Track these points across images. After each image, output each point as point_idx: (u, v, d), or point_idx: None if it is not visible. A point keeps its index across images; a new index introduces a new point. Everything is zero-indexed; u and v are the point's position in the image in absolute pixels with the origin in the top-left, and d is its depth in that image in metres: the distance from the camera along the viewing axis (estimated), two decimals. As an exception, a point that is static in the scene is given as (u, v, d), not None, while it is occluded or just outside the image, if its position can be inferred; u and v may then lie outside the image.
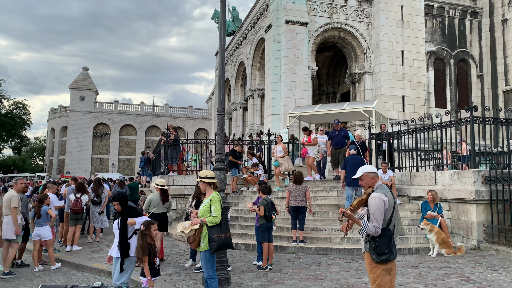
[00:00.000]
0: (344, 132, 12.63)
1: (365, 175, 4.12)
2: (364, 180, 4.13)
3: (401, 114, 20.41)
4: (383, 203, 3.85)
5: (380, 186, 4.07)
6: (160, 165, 16.14)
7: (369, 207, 3.89)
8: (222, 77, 7.06)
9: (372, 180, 4.10)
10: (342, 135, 12.63)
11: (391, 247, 3.91)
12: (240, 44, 28.67)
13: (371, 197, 3.91)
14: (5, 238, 7.91)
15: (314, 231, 9.84)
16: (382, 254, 3.86)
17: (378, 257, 3.85)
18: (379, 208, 3.83)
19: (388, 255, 3.88)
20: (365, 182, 4.12)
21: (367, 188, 4.10)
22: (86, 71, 57.51)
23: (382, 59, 20.66)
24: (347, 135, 12.65)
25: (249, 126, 27.29)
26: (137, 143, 57.12)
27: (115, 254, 5.27)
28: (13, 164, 71.73)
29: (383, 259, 3.86)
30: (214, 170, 7.13)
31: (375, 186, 4.08)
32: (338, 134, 12.65)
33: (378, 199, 3.86)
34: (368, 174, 4.12)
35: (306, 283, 6.56)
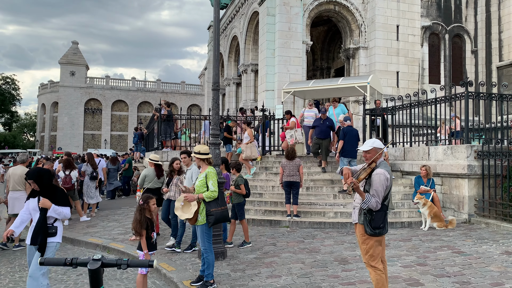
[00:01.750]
0: (330, 122, 11.49)
1: (373, 150, 4.07)
2: (371, 153, 4.08)
3: (395, 90, 20.38)
4: (386, 180, 3.90)
5: (382, 162, 4.07)
6: (153, 141, 16.06)
7: (373, 182, 3.91)
8: (216, 50, 6.93)
9: (379, 156, 4.08)
10: (328, 125, 11.44)
11: (385, 222, 3.99)
12: (233, 17, 28.13)
13: (376, 173, 3.93)
14: (13, 213, 8.03)
15: (308, 205, 9.93)
16: (377, 228, 3.93)
17: (372, 230, 3.91)
18: (382, 184, 3.87)
19: (381, 229, 3.97)
20: (371, 156, 4.07)
21: (371, 162, 4.07)
22: (76, 45, 56.31)
23: (377, 34, 20.43)
24: (333, 126, 11.54)
25: (242, 102, 27.11)
26: (129, 119, 56.67)
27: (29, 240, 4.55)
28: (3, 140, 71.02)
29: (376, 232, 3.93)
30: (209, 146, 7.10)
31: (378, 161, 4.07)
32: (322, 124, 11.52)
33: (383, 176, 3.89)
34: (377, 149, 4.07)
35: (300, 256, 6.66)
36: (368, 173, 4.06)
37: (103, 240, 8.29)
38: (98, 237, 8.60)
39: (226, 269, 6.05)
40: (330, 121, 11.50)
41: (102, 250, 7.94)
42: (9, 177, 8.22)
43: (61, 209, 4.64)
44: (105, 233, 8.96)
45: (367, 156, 4.12)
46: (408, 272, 5.63)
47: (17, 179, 8.11)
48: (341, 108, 12.74)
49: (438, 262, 6.12)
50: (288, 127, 12.61)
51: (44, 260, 1.97)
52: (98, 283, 1.95)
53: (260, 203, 10.43)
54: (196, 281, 5.45)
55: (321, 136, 11.33)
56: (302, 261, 6.37)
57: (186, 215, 5.53)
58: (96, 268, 1.92)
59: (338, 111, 12.60)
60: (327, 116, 11.60)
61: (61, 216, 4.68)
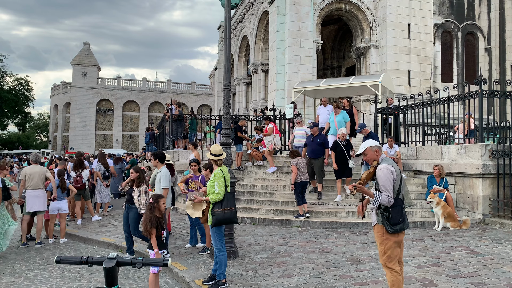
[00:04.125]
0: (321, 139, 10.15)
1: (368, 150, 4.13)
2: (368, 155, 4.14)
3: (406, 88, 20.20)
4: (391, 173, 3.87)
5: (384, 158, 4.09)
6: (164, 141, 16.15)
7: (378, 178, 3.89)
8: (227, 50, 6.93)
9: (376, 153, 4.12)
10: (318, 142, 10.10)
11: (404, 216, 3.94)
12: (243, 17, 28.15)
13: (379, 169, 3.93)
14: (32, 211, 8.24)
15: (320, 205, 9.89)
16: (396, 223, 3.88)
17: (393, 227, 3.86)
18: (388, 178, 3.84)
19: (401, 224, 3.91)
20: (369, 157, 4.13)
21: (372, 162, 4.12)
22: (88, 46, 56.90)
23: (388, 32, 20.28)
24: (325, 142, 10.18)
25: (252, 101, 27.13)
26: (140, 119, 57.09)
27: None
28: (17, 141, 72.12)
29: (397, 229, 3.88)
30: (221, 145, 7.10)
31: (379, 159, 4.09)
32: (313, 141, 10.17)
33: (386, 170, 3.88)
34: (371, 148, 4.12)
35: (312, 256, 6.62)
36: (371, 172, 4.11)
37: (115, 239, 8.35)
38: (110, 236, 8.67)
39: (237, 268, 6.05)
40: (321, 137, 10.26)
41: (115, 249, 7.99)
42: (24, 176, 8.32)
43: None
44: (117, 232, 9.03)
45: (366, 158, 4.19)
46: (422, 273, 5.56)
47: (37, 178, 8.25)
48: (342, 115, 11.58)
49: (452, 262, 6.04)
50: (267, 133, 12.41)
51: (61, 258, 1.98)
52: (113, 282, 1.96)
53: (271, 202, 10.41)
54: (208, 280, 5.46)
55: (312, 155, 10.13)
56: (314, 261, 6.34)
57: (197, 213, 5.55)
58: (111, 267, 1.93)
59: (339, 119, 11.50)
60: (319, 132, 10.37)
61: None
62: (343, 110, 11.84)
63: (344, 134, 10.22)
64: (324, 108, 13.08)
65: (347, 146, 10.05)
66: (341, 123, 11.40)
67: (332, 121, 11.67)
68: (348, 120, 11.63)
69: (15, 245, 8.36)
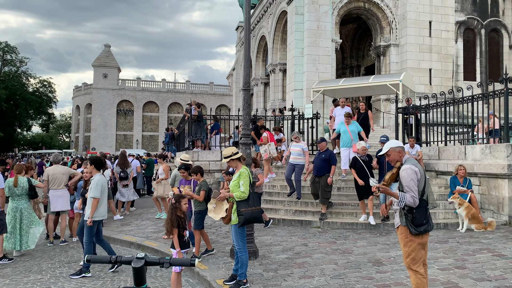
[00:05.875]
0: (326, 155, 9.27)
1: (391, 150, 4.08)
2: (391, 155, 4.10)
3: (427, 87, 19.85)
4: (415, 174, 3.83)
5: (408, 158, 4.05)
6: (184, 141, 16.31)
7: (402, 179, 3.85)
8: (247, 50, 6.95)
9: (399, 154, 4.08)
10: (323, 158, 9.25)
11: (428, 218, 3.89)
12: (261, 17, 28.17)
13: (402, 169, 3.89)
14: (56, 210, 8.47)
15: (340, 206, 9.82)
16: (421, 225, 3.82)
17: (417, 228, 3.82)
18: (412, 178, 3.80)
19: (426, 225, 3.86)
20: (392, 157, 4.09)
21: (395, 163, 4.09)
22: (108, 48, 57.92)
23: (409, 30, 19.97)
24: (331, 158, 9.26)
25: (270, 101, 27.11)
26: (160, 120, 57.79)
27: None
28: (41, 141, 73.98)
29: (421, 230, 3.83)
30: (240, 146, 7.14)
31: (403, 159, 4.04)
32: (318, 157, 9.39)
33: (410, 170, 3.83)
34: (394, 149, 4.08)
35: (333, 257, 6.58)
36: (395, 173, 4.07)
37: (137, 238, 8.48)
38: (132, 235, 8.81)
39: (258, 268, 6.06)
40: (327, 153, 9.32)
41: (137, 248, 8.12)
42: (47, 177, 8.52)
43: None
44: (139, 231, 9.17)
45: (389, 159, 4.14)
46: (446, 275, 5.46)
47: (59, 178, 8.44)
48: (355, 125, 10.84)
49: (477, 265, 5.91)
50: (262, 142, 12.03)
51: (91, 257, 2.03)
52: (142, 281, 2.00)
53: (290, 203, 10.39)
54: (229, 280, 5.49)
55: (315, 172, 9.35)
56: (335, 262, 6.30)
57: (219, 215, 5.59)
58: (139, 267, 1.96)
59: (352, 128, 10.75)
60: (326, 148, 9.50)
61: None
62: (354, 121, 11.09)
63: (365, 148, 9.07)
64: (341, 109, 12.48)
65: (367, 162, 8.96)
66: (355, 134, 10.65)
67: (345, 131, 10.83)
68: (361, 130, 10.89)
69: (40, 243, 8.57)
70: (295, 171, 10.08)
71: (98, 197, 6.25)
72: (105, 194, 6.47)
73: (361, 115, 11.55)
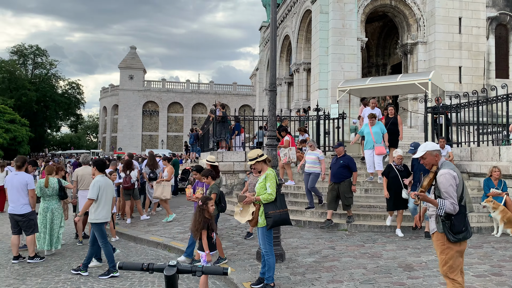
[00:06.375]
0: (345, 160, 8.81)
1: (427, 154, 3.89)
2: (427, 159, 3.91)
3: (457, 86, 19.28)
4: (453, 179, 3.65)
5: (445, 162, 3.86)
6: (208, 142, 16.38)
7: (440, 184, 3.67)
8: (274, 51, 6.87)
9: (436, 158, 3.88)
10: (341, 164, 8.77)
11: (467, 224, 3.71)
12: (285, 17, 28.04)
13: (440, 174, 3.70)
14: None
15: (368, 208, 9.61)
16: (459, 232, 3.65)
17: (455, 236, 3.64)
18: (451, 184, 3.63)
19: (465, 233, 3.69)
20: (428, 161, 3.90)
21: (431, 167, 3.89)
22: (134, 50, 59.01)
23: (437, 27, 19.44)
24: (350, 164, 8.80)
25: (294, 101, 26.96)
26: (184, 120, 58.47)
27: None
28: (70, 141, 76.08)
29: (460, 238, 3.66)
30: (266, 147, 7.08)
31: (439, 163, 3.85)
32: (335, 163, 8.93)
33: (448, 175, 3.66)
34: (431, 152, 3.89)
35: (362, 261, 6.43)
36: (432, 178, 3.86)
37: (163, 239, 8.53)
38: (158, 236, 8.87)
39: (285, 272, 5.98)
40: (345, 159, 8.83)
41: (163, 248, 8.17)
42: (76, 178, 8.68)
43: None
44: (165, 232, 9.23)
45: (424, 162, 3.95)
46: (482, 283, 5.23)
47: (88, 179, 8.57)
48: (379, 126, 10.35)
49: (515, 272, 5.64)
50: (282, 145, 11.60)
51: (123, 264, 2.01)
52: (174, 289, 1.95)
53: (316, 204, 10.24)
54: (256, 283, 5.43)
55: (334, 179, 8.91)
56: (363, 266, 6.15)
57: (246, 218, 5.54)
58: (172, 275, 1.93)
59: (376, 130, 10.26)
60: (344, 153, 9.07)
61: None
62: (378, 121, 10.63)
63: (400, 157, 8.40)
64: (372, 110, 11.89)
65: (402, 172, 8.32)
66: (378, 135, 10.22)
67: (368, 133, 10.39)
68: (385, 132, 10.39)
69: (70, 243, 8.75)
70: (310, 178, 9.68)
71: (93, 198, 6.31)
72: (106, 196, 6.49)
73: (389, 119, 10.96)
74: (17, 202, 7.04)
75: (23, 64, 58.15)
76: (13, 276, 6.38)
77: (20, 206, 7.04)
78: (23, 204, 7.05)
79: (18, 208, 7.04)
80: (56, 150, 68.53)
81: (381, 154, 10.20)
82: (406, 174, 8.33)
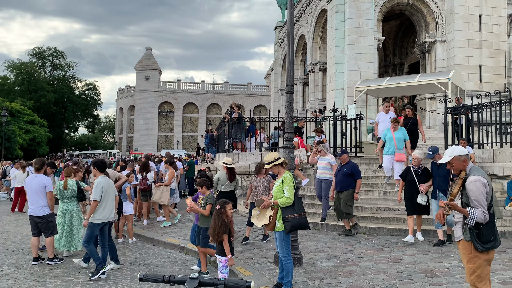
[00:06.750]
0: (348, 168, 8.48)
1: (455, 159, 3.71)
2: (454, 164, 3.73)
3: (477, 85, 18.85)
4: (484, 186, 3.49)
5: (474, 168, 3.68)
6: (224, 143, 16.37)
7: (470, 192, 3.51)
8: (291, 51, 6.79)
9: (463, 163, 3.70)
10: (345, 172, 8.47)
11: (496, 233, 3.57)
12: (300, 16, 27.88)
13: (470, 181, 3.54)
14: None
15: (386, 211, 9.44)
16: (488, 242, 3.52)
17: (484, 245, 3.50)
18: (481, 192, 3.47)
19: (493, 242, 3.55)
20: (456, 167, 3.72)
21: (459, 172, 3.71)
22: (150, 51, 59.57)
23: (456, 25, 19.04)
24: (354, 172, 8.47)
25: (309, 101, 26.78)
26: (199, 121, 58.78)
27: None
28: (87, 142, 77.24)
29: (488, 247, 3.52)
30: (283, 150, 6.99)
31: (467, 168, 3.68)
32: (339, 171, 8.63)
33: (479, 183, 3.49)
34: (458, 157, 3.71)
35: (381, 266, 6.30)
36: (460, 184, 3.67)
37: (180, 241, 8.53)
38: (175, 238, 8.87)
39: (303, 276, 5.89)
40: (349, 166, 8.52)
41: (180, 250, 8.16)
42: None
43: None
44: (182, 234, 9.23)
45: (450, 167, 3.78)
46: (509, 291, 5.06)
47: None
48: (402, 132, 9.97)
49: (543, 280, 5.44)
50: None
51: (143, 276, 1.96)
52: (195, 302, 1.90)
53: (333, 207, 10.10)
54: (274, 288, 5.35)
55: (337, 187, 8.63)
56: (383, 271, 6.02)
57: (262, 222, 5.46)
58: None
59: (398, 135, 9.87)
60: (348, 160, 8.73)
61: None
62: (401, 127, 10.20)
63: (416, 157, 7.86)
64: (386, 115, 11.65)
65: (419, 176, 7.77)
66: (400, 142, 9.80)
67: (390, 138, 9.95)
68: (408, 138, 10.02)
69: (88, 244, 8.80)
70: (323, 187, 9.27)
71: (97, 199, 6.34)
72: (108, 197, 6.52)
73: (409, 120, 10.65)
74: (36, 204, 7.12)
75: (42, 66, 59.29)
76: (33, 277, 6.44)
77: (39, 208, 7.12)
78: (42, 206, 7.13)
79: (37, 210, 7.12)
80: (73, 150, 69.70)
81: (401, 161, 9.72)
82: (424, 178, 7.74)
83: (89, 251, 6.42)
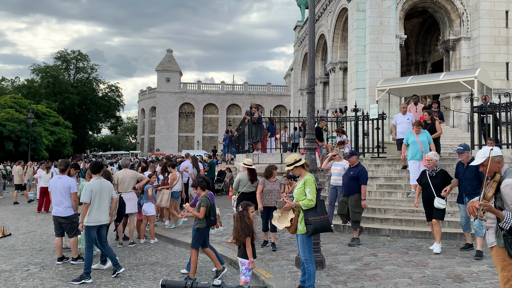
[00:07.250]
0: (355, 172, 8.00)
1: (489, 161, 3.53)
2: (487, 166, 3.54)
3: (504, 82, 18.28)
4: None
5: (509, 170, 3.49)
6: (244, 143, 16.35)
7: (506, 196, 3.34)
8: (312, 51, 6.70)
9: (498, 165, 3.52)
10: (352, 175, 8.02)
11: None
12: (320, 16, 27.64)
13: (506, 185, 3.37)
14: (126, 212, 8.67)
15: (410, 213, 9.22)
16: None
17: None
18: None
19: None
20: (491, 169, 3.53)
21: (493, 174, 3.52)
22: (170, 53, 60.22)
23: (482, 22, 18.50)
24: (361, 175, 7.95)
25: (330, 101, 26.52)
26: (219, 121, 59.05)
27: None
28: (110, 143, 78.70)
29: None
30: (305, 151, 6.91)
31: (502, 170, 3.50)
32: (346, 174, 8.31)
33: None
34: (493, 158, 3.53)
35: (406, 270, 6.14)
36: (495, 187, 3.49)
37: (201, 242, 8.52)
38: (196, 239, 8.87)
39: (326, 280, 5.79)
40: (356, 170, 8.02)
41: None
42: (117, 180, 8.85)
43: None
44: (203, 235, 9.22)
45: (484, 170, 3.59)
46: (543, 298, 4.83)
47: (128, 182, 8.76)
48: (426, 135, 9.51)
49: None
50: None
51: (166, 282, 1.93)
52: (218, 310, 1.86)
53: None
54: (296, 292, 5.28)
55: (344, 191, 8.25)
56: (409, 275, 5.87)
57: (284, 224, 5.39)
58: (216, 295, 1.83)
59: (423, 139, 9.40)
60: (358, 163, 8.27)
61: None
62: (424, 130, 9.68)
63: (430, 158, 7.32)
64: (403, 116, 11.32)
65: (434, 178, 7.24)
66: (425, 145, 9.30)
67: (414, 142, 9.44)
68: (432, 141, 9.55)
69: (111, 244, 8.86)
70: (338, 195, 8.83)
71: (86, 201, 6.32)
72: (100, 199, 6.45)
73: (427, 126, 10.22)
74: (60, 205, 7.24)
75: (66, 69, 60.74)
76: (58, 277, 6.55)
77: (63, 209, 7.23)
78: (66, 207, 7.25)
79: (61, 211, 7.24)
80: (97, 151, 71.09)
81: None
82: (440, 180, 7.17)
83: (86, 256, 6.32)
